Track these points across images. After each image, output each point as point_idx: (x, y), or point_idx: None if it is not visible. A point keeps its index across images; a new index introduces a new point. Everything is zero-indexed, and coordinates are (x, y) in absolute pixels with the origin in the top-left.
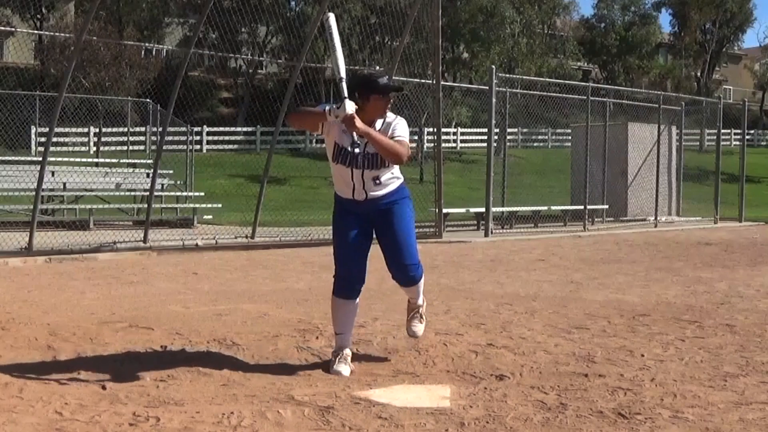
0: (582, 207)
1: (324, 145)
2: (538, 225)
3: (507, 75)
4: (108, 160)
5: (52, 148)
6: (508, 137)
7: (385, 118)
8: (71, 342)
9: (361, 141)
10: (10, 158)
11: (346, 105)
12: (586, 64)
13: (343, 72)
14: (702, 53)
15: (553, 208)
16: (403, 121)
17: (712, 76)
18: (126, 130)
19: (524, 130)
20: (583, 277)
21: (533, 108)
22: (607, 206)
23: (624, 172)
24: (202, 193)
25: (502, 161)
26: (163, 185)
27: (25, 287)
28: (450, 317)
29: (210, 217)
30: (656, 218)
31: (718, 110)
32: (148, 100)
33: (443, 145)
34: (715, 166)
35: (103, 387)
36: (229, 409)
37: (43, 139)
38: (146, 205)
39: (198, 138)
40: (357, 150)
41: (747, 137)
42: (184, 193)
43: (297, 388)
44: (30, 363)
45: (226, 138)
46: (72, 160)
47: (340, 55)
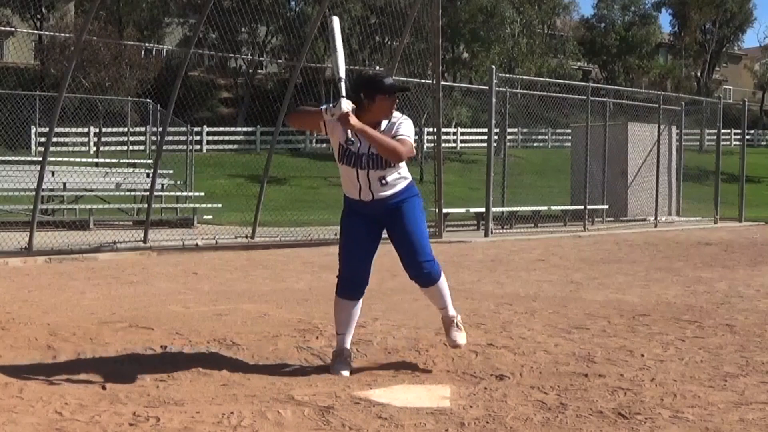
0: (582, 207)
1: (325, 145)
2: (538, 225)
3: (507, 75)
4: (108, 160)
5: (52, 148)
6: (508, 137)
7: (391, 117)
8: (71, 342)
9: (355, 138)
10: (10, 158)
11: (341, 103)
12: (586, 64)
13: (342, 72)
14: (702, 53)
15: (553, 208)
16: (408, 120)
17: (712, 76)
18: (126, 130)
19: (524, 130)
20: (583, 277)
21: (533, 108)
22: (607, 206)
23: (624, 172)
24: (202, 193)
25: (502, 161)
26: (163, 185)
27: (25, 287)
28: None
29: (210, 217)
30: (656, 218)
31: (718, 110)
32: (148, 100)
33: (443, 145)
34: (715, 166)
35: (103, 387)
36: (229, 409)
37: (43, 139)
38: (146, 205)
39: (198, 138)
40: (351, 148)
41: (747, 137)
42: (184, 193)
43: (297, 388)
44: (30, 363)
45: (226, 138)
46: (72, 160)
47: (341, 56)
